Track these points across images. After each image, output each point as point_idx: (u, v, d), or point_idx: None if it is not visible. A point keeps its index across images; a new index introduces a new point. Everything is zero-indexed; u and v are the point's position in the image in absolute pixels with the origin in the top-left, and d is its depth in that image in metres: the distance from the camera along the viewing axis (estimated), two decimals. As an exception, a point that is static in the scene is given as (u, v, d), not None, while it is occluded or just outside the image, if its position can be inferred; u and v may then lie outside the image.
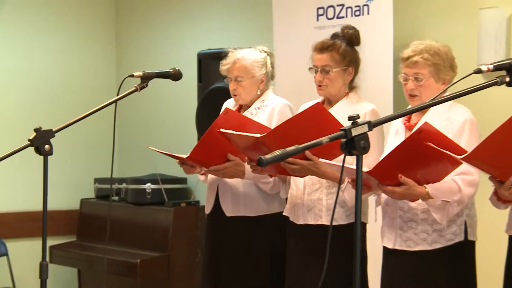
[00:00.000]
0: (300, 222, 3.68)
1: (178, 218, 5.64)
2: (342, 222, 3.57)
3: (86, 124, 4.03)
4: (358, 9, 4.66)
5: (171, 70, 3.60)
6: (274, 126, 3.63)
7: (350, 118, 2.25)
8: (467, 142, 3.18)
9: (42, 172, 3.08)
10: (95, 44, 6.73)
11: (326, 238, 3.45)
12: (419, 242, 3.30)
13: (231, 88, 3.92)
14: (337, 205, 3.54)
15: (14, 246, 6.13)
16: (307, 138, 2.63)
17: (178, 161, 3.88)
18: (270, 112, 3.86)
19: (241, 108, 3.99)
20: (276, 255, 3.87)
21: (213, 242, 4.04)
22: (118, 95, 3.41)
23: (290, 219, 3.75)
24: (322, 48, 3.64)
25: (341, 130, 2.23)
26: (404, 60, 3.36)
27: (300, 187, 3.68)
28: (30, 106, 6.35)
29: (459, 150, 2.95)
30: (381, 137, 3.56)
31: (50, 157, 3.10)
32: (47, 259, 3.12)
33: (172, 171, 5.83)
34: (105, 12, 6.78)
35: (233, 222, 3.92)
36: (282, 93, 4.29)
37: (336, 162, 3.26)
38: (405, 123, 3.42)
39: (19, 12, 6.38)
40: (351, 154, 2.23)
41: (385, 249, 3.43)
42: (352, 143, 2.22)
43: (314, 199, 3.63)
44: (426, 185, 3.15)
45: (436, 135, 2.97)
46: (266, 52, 3.97)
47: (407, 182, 3.11)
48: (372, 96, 4.13)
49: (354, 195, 3.39)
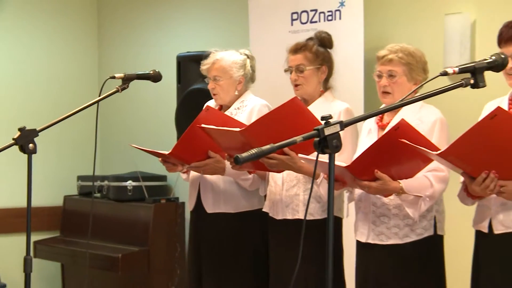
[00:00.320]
0: (279, 217, 3.69)
1: (158, 214, 5.62)
2: (318, 217, 3.58)
3: (70, 123, 4.00)
4: (330, 14, 4.68)
5: (151, 72, 3.59)
6: None
7: (323, 118, 2.25)
8: (438, 140, 3.20)
9: (27, 170, 3.06)
10: (78, 47, 6.69)
11: (304, 233, 3.50)
12: (391, 236, 3.31)
13: (210, 87, 3.92)
14: (313, 200, 3.55)
15: (-1, 241, 6.11)
16: (286, 131, 2.64)
17: (160, 159, 3.87)
18: (250, 112, 3.86)
19: (221, 108, 3.98)
20: (257, 251, 3.87)
21: (196, 238, 4.03)
22: (100, 96, 3.39)
23: (270, 215, 3.75)
24: (295, 49, 3.68)
25: (314, 129, 2.23)
26: (379, 58, 3.39)
27: (278, 184, 3.68)
28: (15, 106, 6.30)
29: (433, 148, 2.97)
30: (355, 134, 3.58)
31: (34, 155, 3.08)
32: (31, 254, 3.10)
33: (152, 169, 5.81)
34: (87, 17, 6.74)
35: (214, 219, 3.91)
36: (259, 94, 4.29)
37: (313, 157, 3.27)
38: (377, 123, 3.43)
39: (3, 15, 6.32)
40: (324, 153, 2.24)
41: (358, 243, 3.44)
42: (325, 142, 2.22)
43: (291, 195, 3.63)
44: (400, 180, 3.16)
45: (411, 132, 2.99)
46: (246, 55, 3.98)
47: (383, 177, 3.12)
48: (344, 96, 4.14)
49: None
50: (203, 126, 3.51)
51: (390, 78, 3.34)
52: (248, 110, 3.87)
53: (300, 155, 3.31)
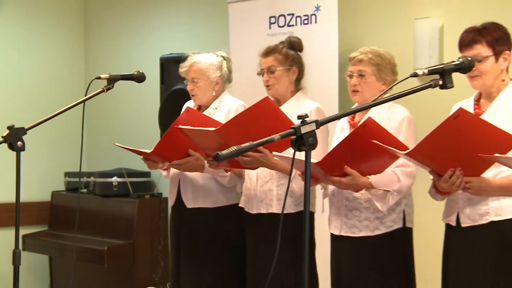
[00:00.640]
0: (253, 211, 3.69)
1: (142, 209, 5.61)
2: (291, 211, 3.59)
3: (57, 122, 3.98)
4: (306, 18, 4.68)
5: (135, 73, 3.58)
6: None
7: (299, 117, 2.25)
8: (405, 138, 3.22)
9: (15, 166, 3.04)
10: (65, 49, 6.66)
11: (276, 226, 3.51)
12: (362, 228, 3.32)
13: (189, 88, 3.93)
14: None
15: (-11, 235, 6.06)
16: (259, 130, 2.64)
17: (142, 157, 3.86)
18: (227, 111, 3.86)
19: (199, 108, 3.98)
20: (234, 244, 3.86)
21: (176, 232, 4.02)
22: (86, 96, 3.38)
23: (245, 210, 3.75)
24: (266, 52, 3.71)
25: (291, 128, 2.23)
26: (351, 59, 3.42)
27: (253, 180, 3.69)
28: (3, 106, 6.25)
29: (399, 144, 2.99)
30: (325, 132, 3.59)
31: (23, 152, 3.07)
32: (20, 247, 3.09)
33: (137, 166, 5.79)
34: (74, 20, 6.71)
35: (193, 213, 3.90)
36: (238, 94, 4.28)
37: (286, 154, 3.28)
38: (349, 122, 3.45)
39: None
40: (300, 150, 2.24)
41: (332, 235, 3.45)
42: (301, 140, 2.22)
43: (265, 190, 3.64)
44: (369, 176, 3.18)
45: (378, 129, 3.00)
46: (222, 56, 3.97)
47: (352, 173, 3.14)
48: (319, 97, 4.14)
49: (302, 186, 3.43)
50: (181, 127, 3.51)
51: (360, 78, 3.37)
52: (225, 110, 3.87)
53: (274, 153, 3.31)
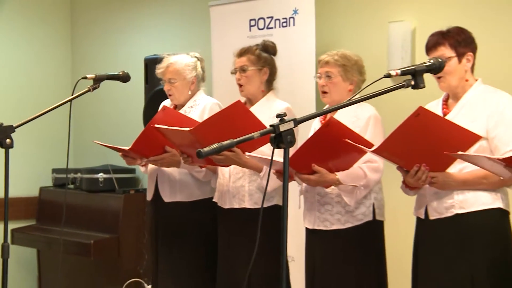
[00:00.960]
0: (226, 206, 3.70)
1: (128, 204, 5.59)
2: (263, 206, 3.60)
3: (45, 120, 3.94)
4: (285, 21, 4.68)
5: (121, 73, 3.56)
6: None
7: (278, 116, 2.25)
8: (372, 135, 3.25)
9: (4, 163, 3.02)
10: (53, 49, 6.62)
11: (249, 220, 3.53)
12: (334, 222, 3.34)
13: (166, 89, 3.93)
14: (257, 190, 3.59)
15: (-22, 230, 6.00)
16: (230, 130, 2.65)
17: (121, 154, 3.85)
18: (202, 110, 3.86)
19: (176, 107, 3.97)
20: (210, 236, 3.85)
21: (154, 226, 4.01)
22: (72, 95, 3.36)
23: (218, 204, 3.75)
24: (240, 52, 3.73)
25: (270, 126, 2.23)
26: (319, 62, 3.46)
27: (226, 176, 3.70)
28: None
29: (363, 141, 3.01)
30: (296, 132, 3.59)
31: (11, 149, 3.05)
32: (9, 241, 3.07)
33: (122, 162, 5.64)
34: (61, 21, 6.66)
35: (170, 207, 3.89)
36: (220, 93, 4.28)
37: (257, 154, 3.30)
38: (321, 121, 3.47)
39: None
40: (279, 147, 2.24)
41: (306, 229, 3.46)
42: (280, 138, 2.22)
43: (238, 186, 3.65)
44: (336, 172, 3.19)
45: (342, 128, 3.01)
46: (196, 57, 3.99)
47: (320, 170, 3.17)
48: (296, 97, 4.16)
49: (272, 183, 3.44)
50: (157, 126, 3.52)
51: (327, 79, 3.39)
52: (200, 108, 3.88)
53: (247, 154, 3.32)
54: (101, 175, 5.80)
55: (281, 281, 2.21)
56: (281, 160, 2.31)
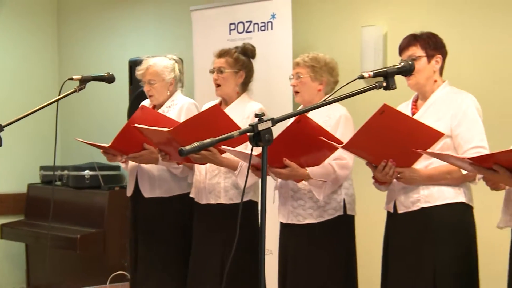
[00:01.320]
0: (203, 202, 3.69)
1: (113, 200, 5.58)
2: (237, 201, 3.60)
3: (33, 119, 3.91)
4: (263, 25, 4.69)
5: (106, 74, 3.54)
6: (182, 121, 3.62)
7: (256, 116, 2.25)
8: (342, 133, 3.26)
9: (-7, 161, 3.00)
10: (40, 52, 6.59)
11: (225, 215, 3.55)
12: (307, 216, 3.35)
13: (146, 90, 3.93)
14: (232, 187, 3.60)
15: (-31, 225, 5.95)
16: (207, 131, 2.65)
17: (102, 151, 3.84)
18: (179, 110, 3.86)
19: (154, 107, 3.97)
20: (187, 230, 3.84)
21: (133, 221, 3.98)
22: (59, 95, 3.34)
23: (195, 200, 3.74)
24: (219, 54, 3.72)
25: (249, 125, 2.23)
26: (292, 64, 3.49)
27: (202, 173, 3.70)
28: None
29: (332, 138, 3.03)
30: None
31: (0, 148, 3.03)
32: (-2, 236, 3.04)
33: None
34: (48, 23, 6.63)
35: (150, 202, 3.88)
36: (201, 94, 4.27)
37: (234, 149, 3.30)
38: (297, 121, 3.48)
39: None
40: (258, 145, 2.24)
41: (280, 224, 3.47)
42: (258, 136, 2.22)
43: (214, 183, 3.65)
44: (307, 168, 3.20)
45: (312, 125, 3.02)
46: (174, 59, 3.98)
47: (291, 164, 3.18)
48: (274, 97, 4.16)
49: (248, 179, 3.42)
50: (136, 125, 3.51)
51: (298, 79, 3.42)
52: (177, 108, 3.87)
53: (223, 147, 3.32)
54: (87, 172, 5.77)
55: (259, 274, 2.21)
56: (251, 152, 2.31)
